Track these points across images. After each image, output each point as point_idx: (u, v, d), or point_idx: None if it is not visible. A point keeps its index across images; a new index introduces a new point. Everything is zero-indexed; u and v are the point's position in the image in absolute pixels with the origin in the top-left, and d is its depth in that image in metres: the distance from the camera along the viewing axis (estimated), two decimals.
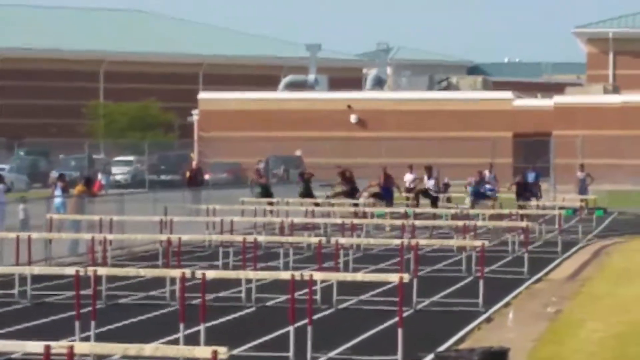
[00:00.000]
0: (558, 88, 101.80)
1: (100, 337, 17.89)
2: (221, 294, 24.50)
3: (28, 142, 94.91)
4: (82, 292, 19.56)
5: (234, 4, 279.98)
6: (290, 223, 38.48)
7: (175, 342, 17.17)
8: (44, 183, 71.73)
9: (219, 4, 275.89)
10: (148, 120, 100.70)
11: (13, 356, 16.78)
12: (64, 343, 11.82)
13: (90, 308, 18.06)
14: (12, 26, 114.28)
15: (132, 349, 14.42)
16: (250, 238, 30.54)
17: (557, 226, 42.19)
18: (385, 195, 46.27)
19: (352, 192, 47.25)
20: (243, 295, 23.48)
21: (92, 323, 17.63)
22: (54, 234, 31.78)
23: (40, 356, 10.09)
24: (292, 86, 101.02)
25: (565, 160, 71.07)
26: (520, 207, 46.76)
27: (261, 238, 33.61)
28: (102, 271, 21.56)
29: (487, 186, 50.74)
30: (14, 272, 24.57)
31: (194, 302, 19.86)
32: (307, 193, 48.15)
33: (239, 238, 30.88)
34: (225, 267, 30.58)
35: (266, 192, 48.67)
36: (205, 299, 18.01)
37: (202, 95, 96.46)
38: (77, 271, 19.73)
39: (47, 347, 10.36)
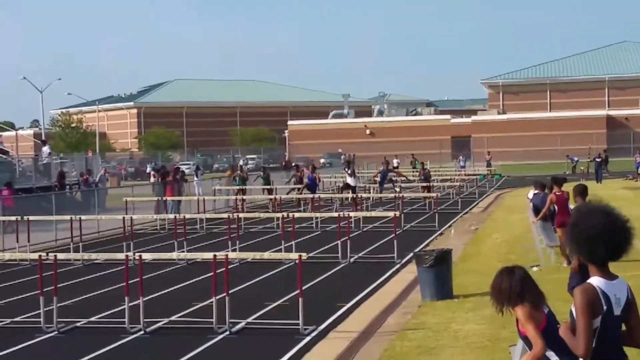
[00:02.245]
0: (473, 112, 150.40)
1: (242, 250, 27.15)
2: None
3: (201, 149, 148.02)
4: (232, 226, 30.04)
5: (308, 73, 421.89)
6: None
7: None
8: (210, 171, 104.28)
9: (296, 72, 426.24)
10: (261, 136, 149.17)
11: (197, 260, 25.11)
12: (223, 253, 19.25)
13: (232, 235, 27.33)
14: (196, 89, 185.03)
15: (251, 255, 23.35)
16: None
17: (475, 184, 64.21)
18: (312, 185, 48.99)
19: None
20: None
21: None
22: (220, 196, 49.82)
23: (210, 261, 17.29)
24: (335, 116, 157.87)
25: (479, 150, 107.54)
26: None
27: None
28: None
29: (392, 173, 56.59)
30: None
31: None
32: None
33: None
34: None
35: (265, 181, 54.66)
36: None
37: (290, 122, 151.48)
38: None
39: (215, 256, 17.45)
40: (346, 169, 49.81)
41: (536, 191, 26.43)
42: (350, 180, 46.87)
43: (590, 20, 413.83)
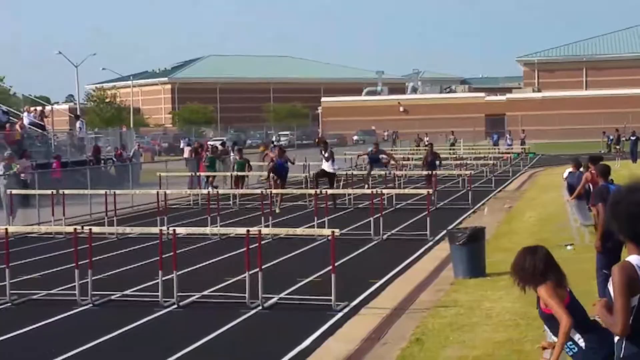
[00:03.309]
0: (507, 90, 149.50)
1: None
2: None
3: (235, 125, 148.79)
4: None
5: (342, 50, 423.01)
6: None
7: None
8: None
9: (331, 48, 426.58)
10: (295, 112, 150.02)
11: (231, 235, 25.54)
12: (256, 228, 19.16)
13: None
14: (230, 65, 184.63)
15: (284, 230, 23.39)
16: None
17: (509, 162, 63.48)
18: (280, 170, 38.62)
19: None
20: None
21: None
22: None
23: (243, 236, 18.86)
24: (369, 93, 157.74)
25: (513, 128, 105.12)
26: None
27: None
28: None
29: (383, 156, 46.10)
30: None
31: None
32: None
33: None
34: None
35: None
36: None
37: (324, 99, 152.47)
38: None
39: (248, 231, 17.67)
40: (322, 152, 39.66)
41: (571, 169, 26.36)
42: (326, 166, 38.39)
43: None
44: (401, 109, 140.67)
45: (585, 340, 7.48)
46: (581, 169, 24.94)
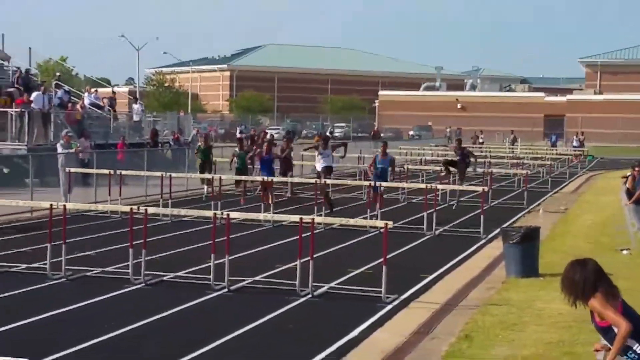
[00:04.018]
0: (568, 91, 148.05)
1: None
2: None
3: (291, 114, 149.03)
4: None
5: (402, 44, 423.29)
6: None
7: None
8: (298, 137, 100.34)
9: (390, 42, 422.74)
10: (352, 104, 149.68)
11: (284, 224, 26.06)
12: (309, 217, 18.65)
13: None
14: (288, 54, 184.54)
15: (337, 220, 23.25)
16: None
17: (566, 164, 61.91)
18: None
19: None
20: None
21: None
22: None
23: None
24: (427, 88, 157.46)
25: (572, 129, 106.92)
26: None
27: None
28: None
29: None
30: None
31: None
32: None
33: None
34: None
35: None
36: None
37: (381, 92, 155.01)
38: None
39: (301, 219, 17.86)
40: (321, 147, 33.45)
41: (630, 173, 26.08)
42: (321, 163, 32.62)
43: None
44: (459, 105, 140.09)
45: None
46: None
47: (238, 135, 54.64)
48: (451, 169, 37.07)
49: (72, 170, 31.56)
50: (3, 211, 25.99)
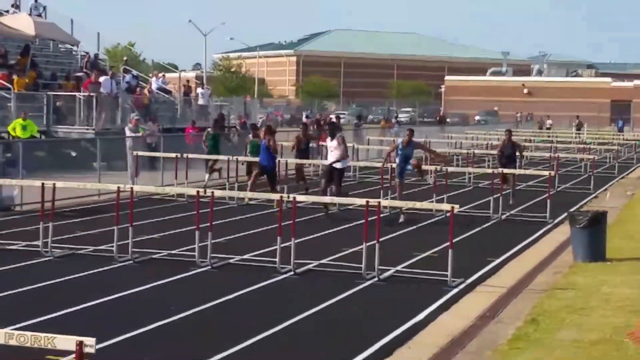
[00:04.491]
0: (635, 76, 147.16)
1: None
2: None
3: (357, 100, 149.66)
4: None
5: (468, 29, 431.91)
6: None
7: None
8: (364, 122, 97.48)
9: (456, 27, 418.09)
10: (418, 89, 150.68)
11: (350, 207, 25.72)
12: (375, 200, 18.45)
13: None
14: (355, 40, 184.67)
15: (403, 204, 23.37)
16: None
17: (633, 149, 61.87)
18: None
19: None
20: None
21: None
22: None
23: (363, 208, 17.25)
24: (493, 74, 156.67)
25: (639, 115, 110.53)
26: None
27: None
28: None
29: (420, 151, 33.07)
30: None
31: None
32: None
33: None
34: None
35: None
36: None
37: (447, 77, 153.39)
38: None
39: (367, 202, 17.50)
40: (329, 137, 27.61)
41: None
42: (333, 155, 26.64)
43: None
44: (525, 91, 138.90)
45: None
46: None
47: (304, 120, 54.51)
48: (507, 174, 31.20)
49: (140, 153, 31.92)
50: (71, 194, 26.03)
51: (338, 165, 25.76)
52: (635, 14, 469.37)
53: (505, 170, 29.45)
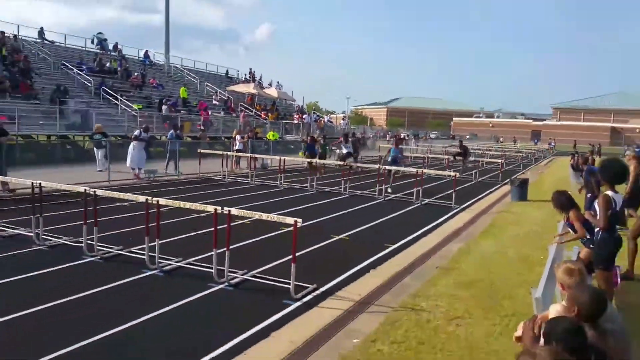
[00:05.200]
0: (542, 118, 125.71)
1: None
2: None
3: (413, 127, 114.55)
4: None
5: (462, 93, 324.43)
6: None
7: None
8: None
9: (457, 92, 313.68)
10: (440, 124, 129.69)
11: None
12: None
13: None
14: (413, 101, 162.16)
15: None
16: None
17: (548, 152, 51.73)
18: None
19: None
20: None
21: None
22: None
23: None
24: (475, 117, 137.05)
25: None
26: None
27: None
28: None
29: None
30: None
31: None
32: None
33: None
34: None
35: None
36: None
37: (455, 119, 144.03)
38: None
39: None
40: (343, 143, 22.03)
41: None
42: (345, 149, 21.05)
43: None
44: (491, 125, 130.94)
45: None
46: None
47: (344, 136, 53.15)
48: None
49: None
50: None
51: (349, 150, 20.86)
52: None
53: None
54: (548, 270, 5.26)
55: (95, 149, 18.85)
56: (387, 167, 17.14)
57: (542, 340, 3.15)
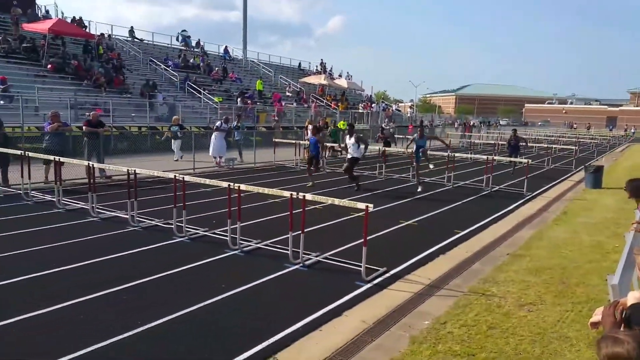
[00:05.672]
0: (619, 104, 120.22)
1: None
2: None
3: (482, 115, 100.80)
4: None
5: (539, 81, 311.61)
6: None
7: None
8: None
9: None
10: (512, 110, 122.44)
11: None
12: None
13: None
14: (483, 87, 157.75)
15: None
16: None
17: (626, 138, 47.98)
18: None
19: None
20: None
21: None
22: None
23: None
24: (548, 103, 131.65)
25: None
26: None
27: None
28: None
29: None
30: None
31: None
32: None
33: None
34: None
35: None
36: None
37: (526, 105, 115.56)
38: None
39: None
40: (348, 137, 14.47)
41: None
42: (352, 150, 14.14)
43: None
44: (564, 111, 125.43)
45: None
46: None
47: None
48: None
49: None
50: None
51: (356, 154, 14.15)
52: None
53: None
54: (625, 257, 5.04)
55: (172, 140, 19.32)
56: (414, 154, 15.08)
57: (622, 326, 3.05)
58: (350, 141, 14.17)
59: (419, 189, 14.29)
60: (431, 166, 19.58)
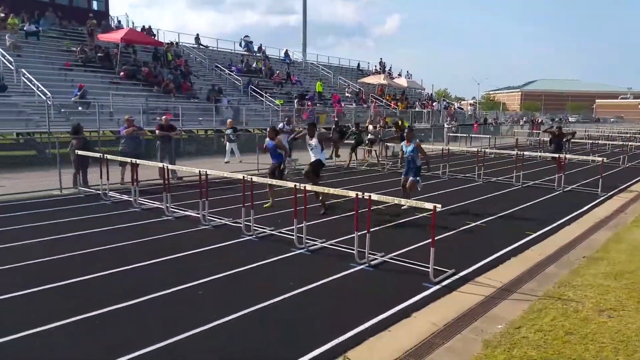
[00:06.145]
0: None
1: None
2: None
3: (551, 111, 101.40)
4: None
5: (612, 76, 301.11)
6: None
7: None
8: None
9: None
10: (582, 106, 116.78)
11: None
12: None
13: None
14: (550, 83, 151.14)
15: None
16: None
17: None
18: None
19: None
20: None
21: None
22: None
23: None
24: (622, 98, 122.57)
25: None
26: None
27: None
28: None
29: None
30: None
31: None
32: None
33: None
34: None
35: None
36: None
37: (597, 101, 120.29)
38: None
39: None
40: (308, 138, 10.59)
41: None
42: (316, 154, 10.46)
43: None
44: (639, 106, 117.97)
45: None
46: None
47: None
48: None
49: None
50: None
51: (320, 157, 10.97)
52: None
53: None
54: None
55: (227, 143, 19.40)
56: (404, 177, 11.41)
57: None
58: (312, 142, 10.64)
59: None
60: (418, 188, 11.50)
